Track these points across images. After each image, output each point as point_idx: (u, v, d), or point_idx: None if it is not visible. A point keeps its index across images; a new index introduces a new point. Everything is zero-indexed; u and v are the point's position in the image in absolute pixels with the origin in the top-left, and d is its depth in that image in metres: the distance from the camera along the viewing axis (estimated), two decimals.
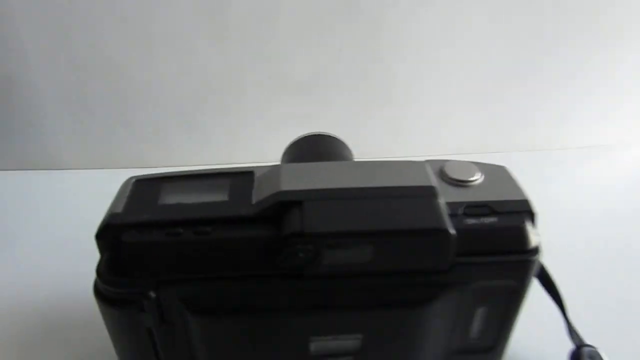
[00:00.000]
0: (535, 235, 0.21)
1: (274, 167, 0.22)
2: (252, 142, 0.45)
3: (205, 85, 0.43)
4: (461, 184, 0.22)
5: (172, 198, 0.22)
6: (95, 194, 0.40)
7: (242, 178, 0.22)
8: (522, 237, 0.21)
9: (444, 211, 0.20)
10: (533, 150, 0.47)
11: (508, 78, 0.44)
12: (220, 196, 0.21)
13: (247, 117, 0.44)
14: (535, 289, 0.22)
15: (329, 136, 0.33)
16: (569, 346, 0.25)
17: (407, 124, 0.45)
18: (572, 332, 0.25)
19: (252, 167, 0.23)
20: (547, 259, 0.22)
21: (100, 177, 0.43)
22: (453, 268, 0.20)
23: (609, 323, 0.29)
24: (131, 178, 0.23)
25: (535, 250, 0.21)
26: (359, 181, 0.21)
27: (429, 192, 0.21)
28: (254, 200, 0.21)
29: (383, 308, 0.21)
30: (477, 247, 0.21)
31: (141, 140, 0.45)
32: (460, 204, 0.21)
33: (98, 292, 0.20)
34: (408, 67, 0.43)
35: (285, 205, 0.20)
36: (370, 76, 0.43)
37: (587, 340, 0.25)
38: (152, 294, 0.20)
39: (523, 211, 0.21)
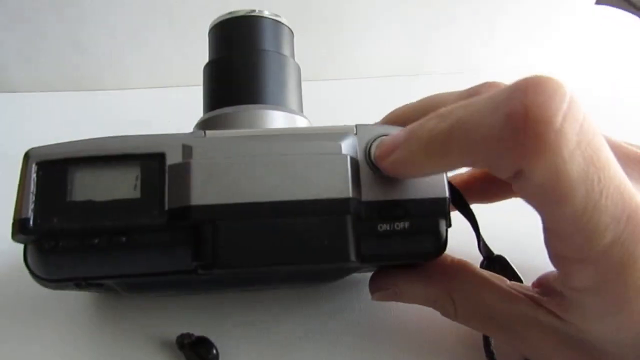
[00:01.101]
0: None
1: (184, 162, 0.22)
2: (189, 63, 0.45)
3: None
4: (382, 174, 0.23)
5: (81, 192, 0.22)
6: (46, 118, 0.42)
7: (153, 164, 0.22)
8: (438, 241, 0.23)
9: (351, 235, 0.22)
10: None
11: None
12: (131, 191, 0.22)
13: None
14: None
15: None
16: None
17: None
18: (483, 245, 0.28)
19: (161, 145, 0.23)
20: None
21: (51, 101, 0.43)
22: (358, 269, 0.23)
23: None
24: (29, 158, 0.23)
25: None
26: (272, 191, 0.22)
27: (341, 208, 0.22)
28: (167, 204, 0.22)
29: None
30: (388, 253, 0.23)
31: (93, 61, 0.45)
32: (376, 206, 0.23)
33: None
34: None
35: (197, 224, 0.22)
36: None
37: None
38: (81, 283, 0.23)
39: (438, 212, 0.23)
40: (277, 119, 0.26)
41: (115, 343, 0.28)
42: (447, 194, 0.23)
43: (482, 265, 0.28)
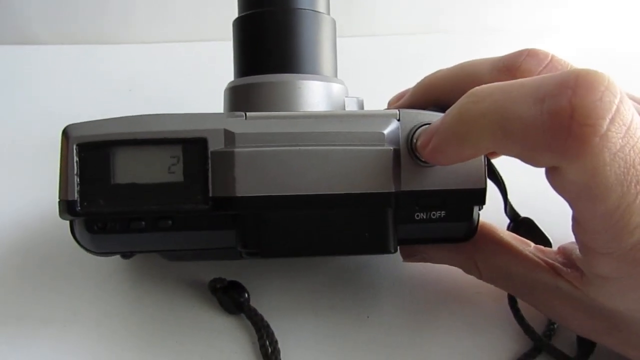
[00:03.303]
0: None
1: (228, 150, 0.22)
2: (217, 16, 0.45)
3: None
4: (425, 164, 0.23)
5: (125, 175, 0.23)
6: (68, 69, 0.42)
7: (195, 149, 0.23)
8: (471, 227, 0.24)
9: (391, 227, 0.23)
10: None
11: None
12: (174, 175, 0.23)
13: None
14: None
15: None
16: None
17: None
18: (509, 208, 0.29)
19: (203, 128, 0.23)
20: None
21: (72, 53, 0.44)
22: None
23: None
24: (69, 138, 0.23)
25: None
26: (316, 184, 0.22)
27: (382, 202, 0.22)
28: (211, 191, 0.22)
29: None
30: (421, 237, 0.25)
31: (113, 15, 0.45)
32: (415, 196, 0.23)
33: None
34: None
35: (242, 216, 0.23)
36: None
37: None
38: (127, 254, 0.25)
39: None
40: (314, 91, 0.26)
41: (151, 287, 0.30)
42: (485, 184, 0.23)
43: (508, 228, 0.29)
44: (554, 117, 0.18)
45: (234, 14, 0.29)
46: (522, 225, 0.29)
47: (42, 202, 0.32)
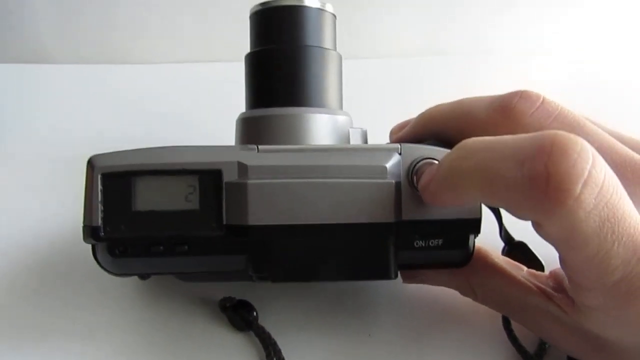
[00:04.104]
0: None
1: (241, 182, 0.24)
2: (229, 38, 0.46)
3: None
4: None
5: (145, 203, 0.24)
6: (79, 88, 0.44)
7: (210, 179, 0.24)
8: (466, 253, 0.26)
9: (392, 255, 0.25)
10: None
11: None
12: (191, 203, 0.24)
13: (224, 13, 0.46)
14: None
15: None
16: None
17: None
18: (504, 232, 0.31)
19: (218, 161, 0.24)
20: None
21: (84, 72, 0.45)
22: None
23: None
24: (94, 168, 0.24)
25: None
26: (323, 214, 0.24)
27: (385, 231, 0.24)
28: (225, 219, 0.24)
29: None
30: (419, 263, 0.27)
31: (124, 35, 0.46)
32: (414, 225, 0.25)
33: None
34: None
35: (253, 243, 0.25)
36: None
37: None
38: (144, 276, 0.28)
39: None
40: (321, 123, 0.27)
41: (164, 305, 0.31)
42: (480, 214, 0.25)
43: (503, 251, 0.31)
44: (533, 181, 0.19)
45: (243, 34, 0.31)
46: (516, 249, 0.31)
47: (57, 219, 0.34)
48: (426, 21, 0.48)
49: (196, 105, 0.43)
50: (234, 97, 0.32)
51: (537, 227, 0.21)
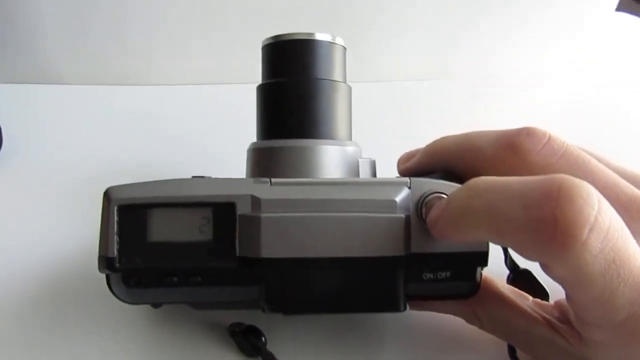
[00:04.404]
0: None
1: (254, 215, 0.24)
2: (238, 61, 0.47)
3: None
4: None
5: (159, 234, 0.25)
6: (89, 109, 0.45)
7: (224, 212, 0.25)
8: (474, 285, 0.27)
9: (401, 288, 0.25)
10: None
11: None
12: (204, 235, 0.25)
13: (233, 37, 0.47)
14: None
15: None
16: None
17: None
18: (509, 260, 0.31)
19: (232, 194, 0.25)
20: None
21: (93, 93, 0.46)
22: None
23: None
24: (110, 200, 0.25)
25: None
26: (334, 247, 0.24)
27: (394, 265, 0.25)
28: (238, 251, 0.25)
29: None
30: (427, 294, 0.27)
31: (134, 58, 0.47)
32: (423, 258, 0.25)
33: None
34: None
35: (266, 275, 0.25)
36: None
37: None
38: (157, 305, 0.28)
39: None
40: (331, 155, 0.28)
41: (174, 330, 0.32)
42: (487, 248, 0.26)
43: (508, 279, 0.31)
44: (539, 225, 0.20)
45: (254, 56, 0.31)
46: (521, 276, 0.31)
47: (67, 243, 0.34)
48: (432, 45, 0.49)
49: (207, 127, 0.44)
50: (244, 120, 0.32)
51: (544, 267, 0.22)
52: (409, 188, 0.26)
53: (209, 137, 0.43)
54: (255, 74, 0.31)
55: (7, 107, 0.44)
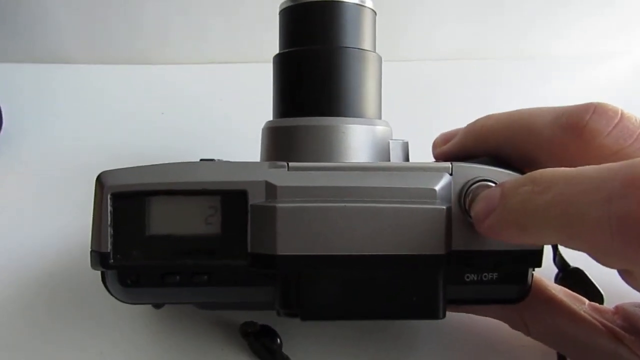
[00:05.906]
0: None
1: (269, 205, 0.21)
2: (253, 38, 0.44)
3: None
4: None
5: (160, 226, 0.22)
6: (100, 88, 0.43)
7: (234, 201, 0.22)
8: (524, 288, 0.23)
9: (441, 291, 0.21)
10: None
11: None
12: (212, 227, 0.22)
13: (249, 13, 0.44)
14: None
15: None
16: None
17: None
18: (558, 257, 0.28)
19: (243, 180, 0.22)
20: None
21: (105, 72, 0.44)
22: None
23: None
24: (104, 187, 0.22)
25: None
26: (362, 243, 0.21)
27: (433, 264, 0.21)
28: (249, 247, 0.22)
29: None
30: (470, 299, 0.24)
31: (144, 37, 0.45)
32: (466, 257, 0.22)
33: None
34: None
35: (282, 275, 0.22)
36: None
37: None
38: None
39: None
40: (359, 135, 0.24)
41: (180, 329, 0.29)
42: (542, 246, 0.22)
43: (556, 278, 0.28)
44: (624, 222, 0.16)
45: (270, 35, 0.28)
46: (572, 276, 0.28)
47: (72, 237, 0.32)
48: (467, 22, 0.46)
49: (221, 107, 0.41)
50: (261, 100, 0.29)
51: (626, 275, 0.19)
52: (451, 175, 0.22)
53: (224, 117, 0.41)
54: (273, 51, 0.28)
55: (20, 86, 0.43)
